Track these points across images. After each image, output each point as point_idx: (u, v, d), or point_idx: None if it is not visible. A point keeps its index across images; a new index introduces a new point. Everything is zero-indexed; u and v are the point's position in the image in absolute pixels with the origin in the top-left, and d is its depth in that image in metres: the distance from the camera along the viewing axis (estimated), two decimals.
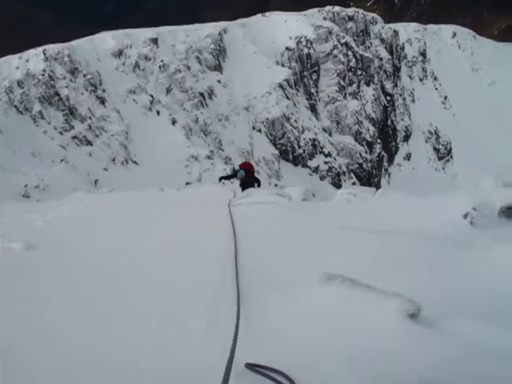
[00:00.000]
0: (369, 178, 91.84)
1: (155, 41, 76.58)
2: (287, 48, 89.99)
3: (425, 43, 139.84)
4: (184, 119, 70.91)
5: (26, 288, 3.53)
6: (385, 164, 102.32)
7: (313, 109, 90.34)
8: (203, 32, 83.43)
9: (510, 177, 8.23)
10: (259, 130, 79.67)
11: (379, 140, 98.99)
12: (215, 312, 2.94)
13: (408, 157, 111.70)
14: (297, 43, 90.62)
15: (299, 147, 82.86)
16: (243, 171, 13.57)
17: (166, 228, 6.31)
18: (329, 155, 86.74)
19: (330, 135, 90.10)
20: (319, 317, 2.60)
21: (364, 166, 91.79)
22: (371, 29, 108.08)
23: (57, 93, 59.96)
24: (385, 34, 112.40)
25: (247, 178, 13.57)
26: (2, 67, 60.14)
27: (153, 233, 5.92)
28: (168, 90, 73.39)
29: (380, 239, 4.61)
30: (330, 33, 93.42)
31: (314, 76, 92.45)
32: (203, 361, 2.31)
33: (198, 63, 78.85)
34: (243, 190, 12.65)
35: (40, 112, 57.75)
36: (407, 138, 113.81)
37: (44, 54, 61.70)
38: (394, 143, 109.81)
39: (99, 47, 72.52)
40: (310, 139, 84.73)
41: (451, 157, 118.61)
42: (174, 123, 69.73)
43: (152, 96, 71.09)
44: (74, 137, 58.52)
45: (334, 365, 2.06)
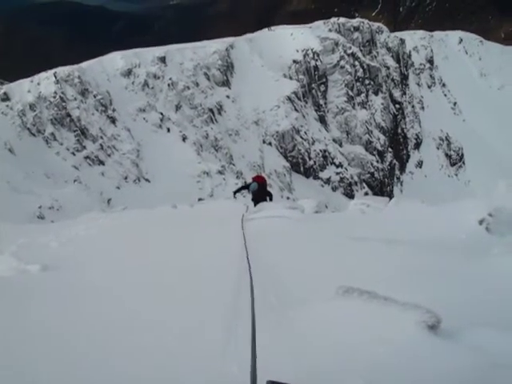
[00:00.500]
0: (381, 187, 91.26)
1: (163, 59, 77.36)
2: (294, 61, 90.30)
3: (431, 50, 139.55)
4: (194, 135, 71.27)
5: (41, 308, 3.54)
6: (397, 172, 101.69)
7: (322, 120, 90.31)
8: (210, 48, 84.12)
9: None
10: (269, 144, 79.78)
11: (390, 149, 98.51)
12: (230, 328, 2.92)
13: (420, 164, 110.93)
14: (304, 56, 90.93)
15: (310, 159, 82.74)
16: (256, 184, 13.40)
17: (180, 245, 6.31)
18: (340, 166, 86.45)
19: (341, 146, 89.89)
20: (337, 331, 2.58)
21: (376, 176, 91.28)
22: (377, 38, 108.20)
23: (68, 114, 60.71)
24: (391, 43, 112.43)
25: (260, 191, 13.41)
26: (15, 91, 61.12)
27: (167, 252, 5.93)
28: (177, 107, 73.93)
29: (395, 249, 4.57)
30: (337, 44, 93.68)
31: (322, 87, 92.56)
32: (219, 378, 2.29)
33: (207, 79, 79.42)
34: (255, 205, 12.59)
35: (52, 134, 58.47)
36: (418, 146, 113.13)
37: (55, 77, 62.61)
38: (405, 151, 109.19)
39: (108, 67, 73.42)
40: (321, 150, 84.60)
41: (463, 163, 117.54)
42: (185, 140, 70.13)
43: (162, 114, 71.65)
44: (86, 157, 59.09)
45: (352, 378, 2.04)
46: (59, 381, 2.38)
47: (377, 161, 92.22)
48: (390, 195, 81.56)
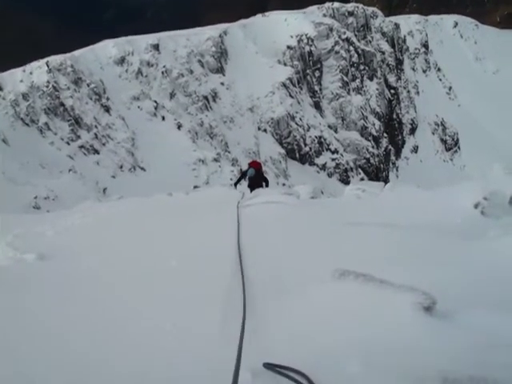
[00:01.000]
0: (377, 173, 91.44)
1: (156, 47, 76.78)
2: (288, 47, 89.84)
3: (426, 34, 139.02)
4: (189, 123, 71.04)
5: (38, 296, 3.54)
6: (392, 158, 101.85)
7: (317, 106, 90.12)
8: (204, 35, 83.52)
9: None
10: (265, 130, 79.64)
11: (385, 134, 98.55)
12: (225, 313, 2.93)
13: (415, 149, 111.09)
14: (298, 41, 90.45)
15: (305, 145, 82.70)
16: (253, 169, 13.64)
17: (176, 233, 6.31)
18: (335, 152, 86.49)
19: (336, 132, 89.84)
20: (333, 313, 2.59)
21: (371, 161, 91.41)
22: (372, 23, 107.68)
23: (62, 103, 60.31)
24: (386, 28, 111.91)
25: (256, 177, 13.62)
26: (7, 81, 60.57)
27: (162, 240, 5.93)
28: (172, 95, 73.57)
29: (391, 233, 4.58)
30: (331, 29, 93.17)
31: (317, 73, 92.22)
32: (214, 364, 2.30)
33: (201, 66, 78.96)
34: (251, 191, 12.63)
35: (46, 123, 58.11)
36: (413, 131, 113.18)
37: (47, 66, 62.07)
38: (401, 136, 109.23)
39: (101, 56, 72.85)
40: (316, 137, 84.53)
41: (459, 147, 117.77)
42: (180, 128, 69.90)
43: (156, 102, 71.31)
44: (81, 146, 58.83)
45: (350, 361, 2.05)
46: (54, 369, 2.38)
47: (372, 146, 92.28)
48: (386, 181, 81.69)
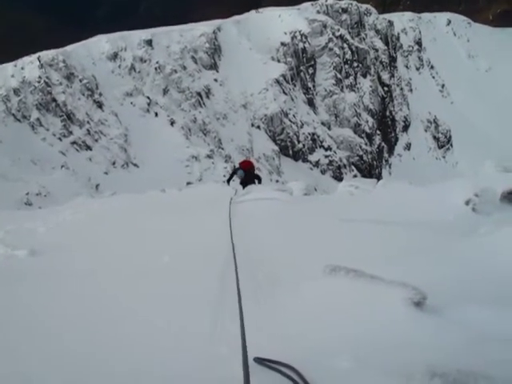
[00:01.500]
0: (370, 170, 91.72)
1: (150, 42, 76.45)
2: (282, 43, 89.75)
3: (420, 32, 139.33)
4: (182, 119, 70.85)
5: (30, 293, 3.53)
6: (385, 155, 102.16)
7: (311, 103, 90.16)
8: (197, 31, 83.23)
9: (511, 162, 8.21)
10: (258, 127, 79.60)
11: (378, 131, 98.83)
12: (218, 310, 2.93)
13: (408, 147, 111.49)
14: (292, 38, 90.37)
15: (299, 142, 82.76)
16: (242, 171, 13.41)
17: (169, 229, 6.30)
18: (329, 149, 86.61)
19: (329, 129, 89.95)
20: (324, 309, 2.59)
21: (364, 158, 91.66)
22: (366, 20, 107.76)
23: (54, 99, 59.94)
24: (379, 25, 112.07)
25: (247, 177, 13.46)
26: None
27: (155, 236, 5.91)
28: (165, 91, 73.33)
29: (383, 229, 4.60)
30: (325, 26, 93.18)
31: (311, 70, 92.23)
32: (209, 362, 2.29)
33: (194, 63, 78.71)
34: (244, 188, 12.60)
35: (38, 119, 57.74)
36: (406, 128, 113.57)
37: (39, 61, 61.63)
38: (394, 134, 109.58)
39: (94, 51, 72.43)
40: (310, 134, 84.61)
41: (451, 145, 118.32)
42: (173, 124, 69.71)
43: (149, 98, 71.05)
44: (73, 142, 58.53)
45: (341, 356, 2.05)
46: (48, 366, 2.37)
47: (365, 143, 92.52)
48: (379, 178, 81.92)
